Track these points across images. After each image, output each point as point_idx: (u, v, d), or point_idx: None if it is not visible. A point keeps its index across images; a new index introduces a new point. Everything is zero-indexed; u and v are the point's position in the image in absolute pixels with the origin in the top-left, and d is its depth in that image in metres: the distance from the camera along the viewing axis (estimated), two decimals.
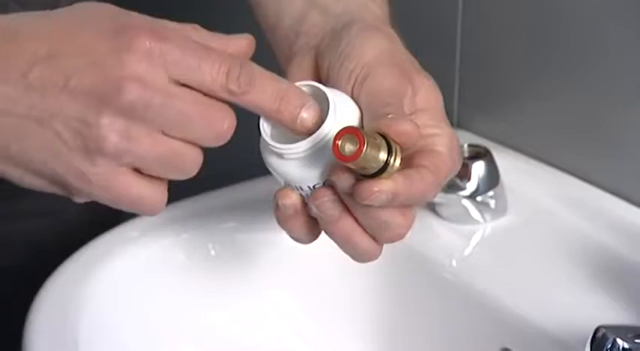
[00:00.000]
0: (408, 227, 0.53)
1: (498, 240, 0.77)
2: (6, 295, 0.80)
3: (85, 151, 0.47)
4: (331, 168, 0.51)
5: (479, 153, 0.78)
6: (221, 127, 0.49)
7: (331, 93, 0.52)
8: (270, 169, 0.54)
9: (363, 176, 0.50)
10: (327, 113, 0.51)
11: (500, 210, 0.78)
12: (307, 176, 0.52)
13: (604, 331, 0.58)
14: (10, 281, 0.82)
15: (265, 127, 0.52)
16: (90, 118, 0.47)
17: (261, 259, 0.78)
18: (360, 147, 0.48)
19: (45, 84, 0.47)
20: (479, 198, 0.77)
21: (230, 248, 0.78)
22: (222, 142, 0.50)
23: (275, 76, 0.51)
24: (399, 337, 0.77)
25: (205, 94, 0.49)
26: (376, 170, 0.49)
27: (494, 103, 0.87)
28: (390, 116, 0.50)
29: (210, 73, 0.48)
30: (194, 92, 0.48)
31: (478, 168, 0.77)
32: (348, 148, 0.48)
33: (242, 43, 0.53)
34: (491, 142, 0.85)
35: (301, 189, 0.53)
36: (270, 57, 0.65)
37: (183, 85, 0.48)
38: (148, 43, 0.47)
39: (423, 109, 0.55)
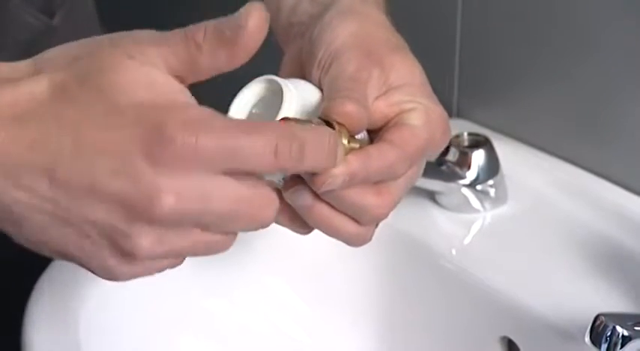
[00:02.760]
0: (388, 207, 0.52)
1: (498, 229, 0.76)
2: (5, 288, 0.80)
3: (115, 251, 0.44)
4: None
5: (479, 142, 0.78)
6: (265, 217, 0.46)
7: (291, 86, 0.51)
8: None
9: None
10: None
11: (500, 199, 0.78)
12: None
13: (603, 318, 0.58)
14: (8, 273, 0.82)
15: None
16: (120, 225, 0.43)
17: (259, 245, 0.77)
18: None
19: (69, 182, 0.42)
20: (479, 187, 0.77)
21: None
22: (264, 228, 0.46)
23: (315, 129, 0.46)
24: (398, 325, 0.77)
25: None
26: None
27: (494, 92, 0.87)
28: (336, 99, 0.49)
29: (258, 157, 0.43)
30: (236, 185, 0.44)
31: (478, 157, 0.77)
32: None
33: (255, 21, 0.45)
34: (491, 130, 0.85)
35: (274, 182, 0.53)
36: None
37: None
38: (181, 142, 0.41)
39: (396, 87, 0.54)
